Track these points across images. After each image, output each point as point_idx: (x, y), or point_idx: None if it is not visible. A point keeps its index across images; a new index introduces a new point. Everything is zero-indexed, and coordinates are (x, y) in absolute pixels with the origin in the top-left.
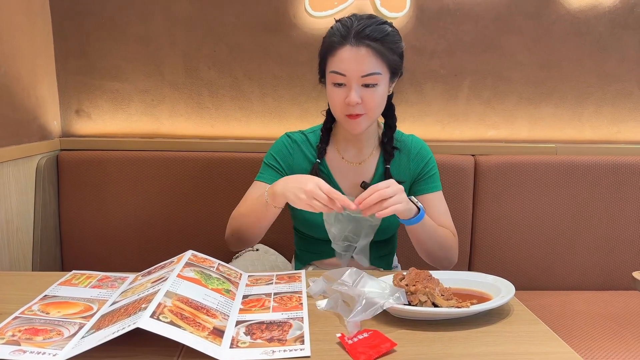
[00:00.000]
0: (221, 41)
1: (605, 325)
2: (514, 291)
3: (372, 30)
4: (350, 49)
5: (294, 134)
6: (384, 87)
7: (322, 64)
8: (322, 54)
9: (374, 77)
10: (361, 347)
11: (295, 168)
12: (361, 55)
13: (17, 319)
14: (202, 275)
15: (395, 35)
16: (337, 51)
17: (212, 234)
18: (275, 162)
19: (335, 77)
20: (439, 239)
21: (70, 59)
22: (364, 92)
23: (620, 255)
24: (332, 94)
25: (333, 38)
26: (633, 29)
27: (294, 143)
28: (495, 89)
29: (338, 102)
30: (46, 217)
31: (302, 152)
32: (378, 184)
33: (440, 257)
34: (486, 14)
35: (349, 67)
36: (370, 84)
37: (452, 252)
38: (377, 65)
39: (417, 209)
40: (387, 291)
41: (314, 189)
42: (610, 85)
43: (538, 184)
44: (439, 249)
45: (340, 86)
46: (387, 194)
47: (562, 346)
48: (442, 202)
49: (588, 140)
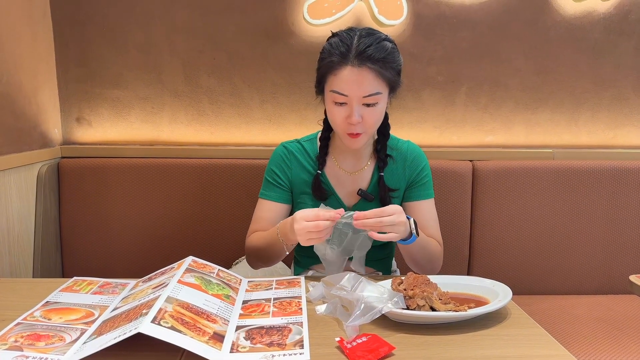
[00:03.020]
0: (221, 49)
1: (603, 329)
2: (511, 295)
3: (373, 51)
4: (352, 69)
5: (289, 143)
6: (383, 104)
7: (321, 80)
8: (322, 72)
9: (375, 97)
10: (360, 351)
11: (294, 179)
12: (362, 76)
13: (20, 325)
14: (203, 281)
15: (395, 52)
16: (338, 71)
17: (213, 240)
18: (276, 175)
19: (336, 97)
20: (428, 253)
21: (71, 67)
22: (365, 111)
23: (618, 259)
24: (332, 111)
25: (333, 58)
26: (628, 35)
27: (291, 154)
28: (492, 95)
29: (339, 120)
30: (47, 224)
31: (299, 163)
32: (384, 209)
33: (426, 267)
34: (483, 21)
35: (350, 88)
36: (371, 104)
37: (437, 263)
38: (378, 86)
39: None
40: (386, 295)
41: (301, 225)
42: (606, 91)
43: (536, 189)
44: (427, 261)
45: (341, 105)
46: (386, 223)
47: (559, 349)
48: (433, 210)
49: (585, 145)
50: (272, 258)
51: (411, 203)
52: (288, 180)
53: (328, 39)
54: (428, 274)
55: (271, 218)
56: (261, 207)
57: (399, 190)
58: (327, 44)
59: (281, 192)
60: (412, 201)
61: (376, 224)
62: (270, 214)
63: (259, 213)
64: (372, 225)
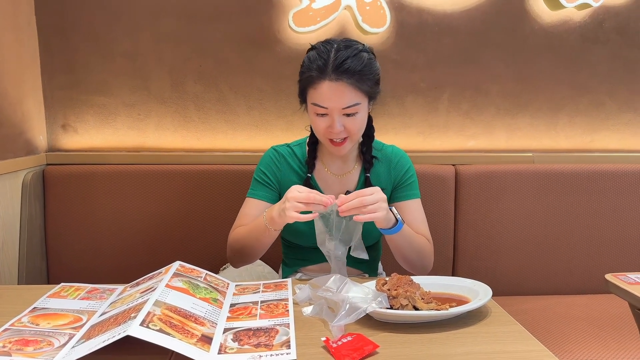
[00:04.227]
0: (207, 56)
1: (583, 328)
2: (491, 294)
3: (350, 64)
4: (330, 84)
5: (280, 147)
6: (364, 113)
7: (302, 92)
8: (303, 84)
9: (354, 107)
10: (345, 349)
11: (283, 180)
12: (340, 90)
13: (7, 330)
14: (190, 285)
15: (372, 62)
16: (317, 85)
17: (200, 245)
18: (265, 176)
19: (317, 109)
20: (417, 247)
21: (56, 74)
22: (346, 121)
23: (598, 260)
24: (315, 122)
25: (311, 72)
26: (602, 43)
27: (281, 157)
28: (473, 101)
29: (321, 130)
30: (32, 231)
31: (289, 165)
32: (363, 189)
33: (417, 265)
34: (464, 29)
35: (329, 101)
36: (351, 113)
37: (428, 260)
38: (356, 97)
39: (396, 220)
40: (370, 296)
41: (293, 194)
42: (582, 97)
43: (517, 192)
44: (417, 257)
45: (322, 116)
46: (368, 201)
47: (536, 344)
48: (420, 209)
49: (563, 149)
50: (254, 248)
51: (398, 204)
52: (277, 181)
53: (307, 51)
54: (420, 272)
55: (257, 215)
56: (248, 205)
57: (385, 190)
58: (306, 57)
59: (269, 192)
60: (399, 202)
61: (359, 203)
62: (256, 212)
63: (245, 210)
64: (355, 205)
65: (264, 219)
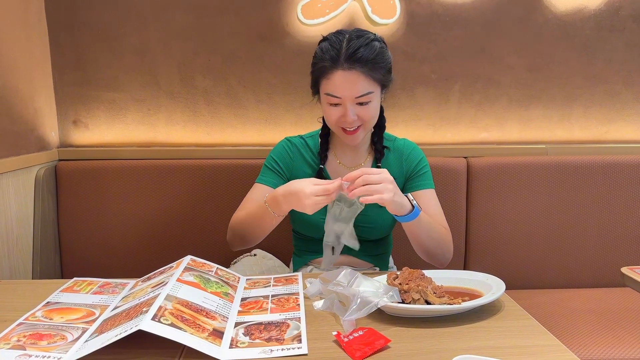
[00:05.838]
0: (216, 50)
1: (599, 322)
2: (504, 288)
3: (362, 53)
4: (343, 73)
5: (293, 138)
6: (377, 101)
7: (315, 83)
8: (315, 75)
9: (367, 96)
10: (356, 344)
11: (295, 171)
12: (353, 78)
13: (22, 325)
14: (201, 279)
15: (384, 51)
16: (330, 75)
17: (210, 240)
18: (276, 164)
19: (330, 99)
20: (436, 236)
21: (67, 71)
22: (359, 109)
23: (613, 253)
24: (328, 112)
25: (324, 63)
26: (618, 31)
27: (294, 147)
28: (485, 92)
29: (335, 119)
30: (45, 226)
31: (302, 156)
32: (370, 168)
33: (437, 253)
34: (475, 19)
35: (342, 90)
36: (364, 102)
37: (447, 249)
38: (369, 86)
39: (412, 207)
40: (381, 290)
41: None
42: (597, 86)
43: (529, 184)
44: (437, 246)
45: (336, 105)
46: (373, 180)
47: (551, 339)
48: (435, 199)
49: (577, 141)
50: (256, 231)
51: (412, 194)
52: (288, 170)
53: (319, 43)
54: (441, 262)
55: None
56: (255, 190)
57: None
58: (318, 48)
59: (278, 179)
60: (413, 191)
61: (362, 181)
62: (263, 198)
63: (252, 195)
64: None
65: (265, 205)
